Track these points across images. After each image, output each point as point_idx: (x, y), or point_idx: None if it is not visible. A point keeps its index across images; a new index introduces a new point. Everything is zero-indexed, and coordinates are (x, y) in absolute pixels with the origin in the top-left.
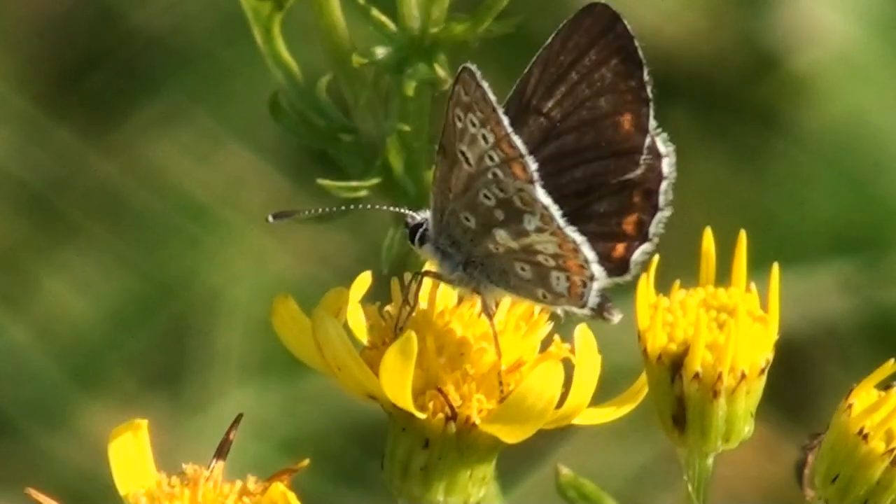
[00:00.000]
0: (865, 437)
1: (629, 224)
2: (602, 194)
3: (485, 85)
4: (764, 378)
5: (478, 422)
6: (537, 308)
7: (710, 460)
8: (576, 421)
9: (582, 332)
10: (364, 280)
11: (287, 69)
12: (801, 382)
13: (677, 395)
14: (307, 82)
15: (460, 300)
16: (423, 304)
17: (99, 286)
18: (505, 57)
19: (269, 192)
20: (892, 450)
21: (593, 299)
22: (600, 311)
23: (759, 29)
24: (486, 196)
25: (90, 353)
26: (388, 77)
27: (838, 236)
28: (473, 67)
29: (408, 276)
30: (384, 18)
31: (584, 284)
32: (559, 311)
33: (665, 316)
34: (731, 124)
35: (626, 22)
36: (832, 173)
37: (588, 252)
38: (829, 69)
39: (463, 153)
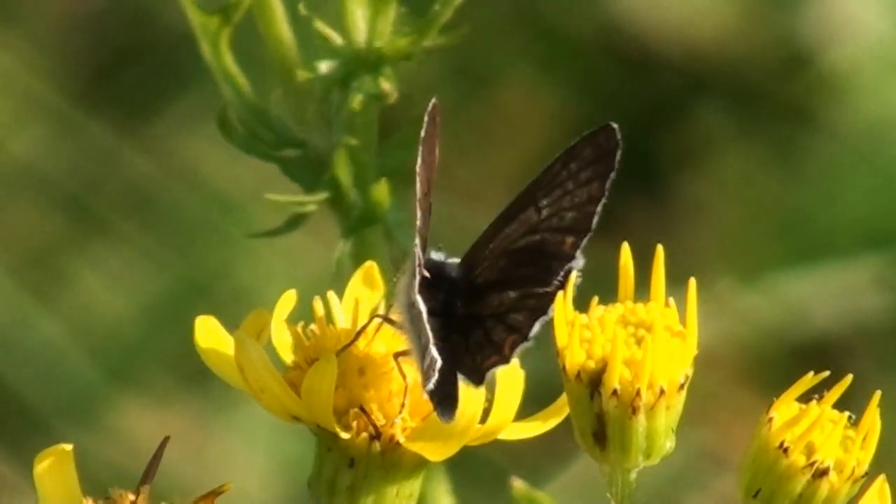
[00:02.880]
0: (786, 450)
1: (509, 343)
2: (520, 307)
3: (426, 121)
4: (684, 394)
5: (402, 440)
6: None
7: (632, 476)
8: (501, 436)
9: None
10: (289, 298)
11: (235, 84)
12: (834, 380)
13: (596, 413)
14: (257, 97)
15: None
16: (345, 323)
17: (132, 283)
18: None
19: (295, 189)
20: (812, 463)
21: (431, 385)
22: (435, 403)
23: (793, 26)
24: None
25: (124, 351)
26: (336, 91)
27: (873, 233)
28: (434, 101)
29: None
30: (329, 31)
31: (432, 367)
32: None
33: (583, 333)
34: (765, 121)
35: (618, 153)
36: (866, 170)
37: (427, 328)
38: (864, 65)
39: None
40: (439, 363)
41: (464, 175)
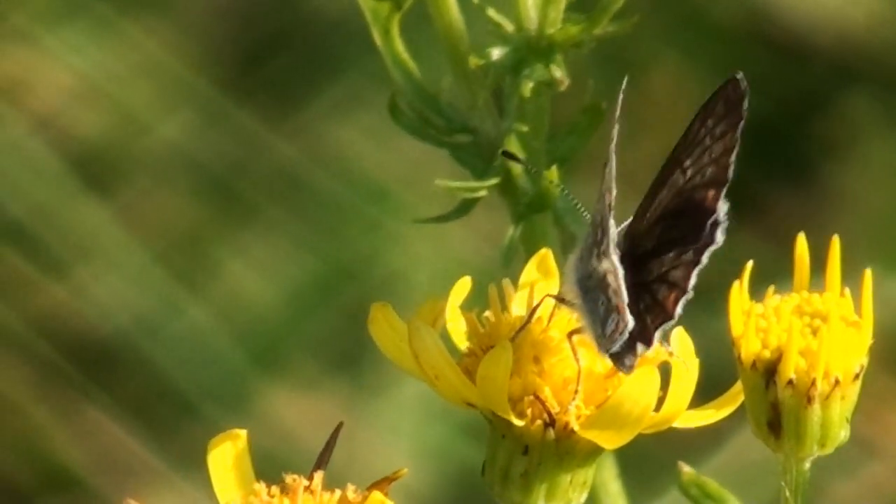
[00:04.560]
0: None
1: (672, 298)
2: (678, 263)
3: (616, 113)
4: (859, 383)
5: (576, 428)
6: None
7: (806, 465)
8: (675, 424)
9: (679, 336)
10: (463, 285)
11: (406, 69)
12: None
13: (771, 402)
14: (427, 83)
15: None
16: (520, 311)
17: (279, 269)
18: None
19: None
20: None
21: (617, 346)
22: (617, 358)
23: None
24: (597, 211)
25: (271, 336)
26: (507, 78)
27: None
28: (621, 94)
29: (508, 285)
30: (501, 18)
31: (621, 332)
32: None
33: (759, 322)
34: None
35: (745, 100)
36: None
37: (623, 290)
38: None
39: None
40: (631, 324)
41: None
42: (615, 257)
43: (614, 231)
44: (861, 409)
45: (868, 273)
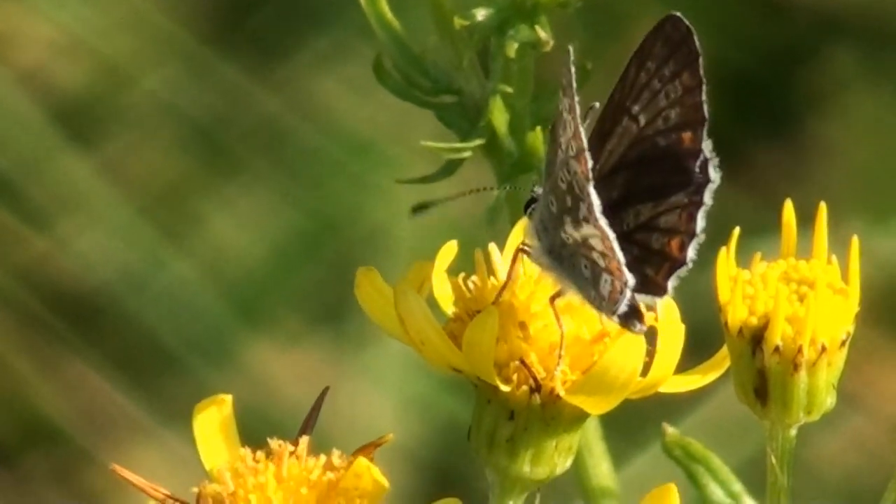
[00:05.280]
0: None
1: (675, 244)
2: (665, 209)
3: (573, 70)
4: (845, 350)
5: (562, 393)
6: None
7: (793, 432)
8: (661, 389)
9: (665, 302)
10: (449, 250)
11: (391, 29)
12: None
13: (758, 369)
14: (411, 43)
15: None
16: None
17: (264, 223)
18: None
19: (434, 128)
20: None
21: (623, 307)
22: (626, 320)
23: None
24: (561, 180)
25: (255, 290)
26: (492, 38)
27: None
28: (572, 49)
29: (492, 246)
30: None
31: (621, 291)
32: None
33: (745, 289)
34: (893, 64)
35: (695, 37)
36: None
37: (619, 252)
38: None
39: (559, 137)
40: (631, 281)
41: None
42: (603, 222)
43: (596, 199)
44: (847, 363)
45: (856, 240)
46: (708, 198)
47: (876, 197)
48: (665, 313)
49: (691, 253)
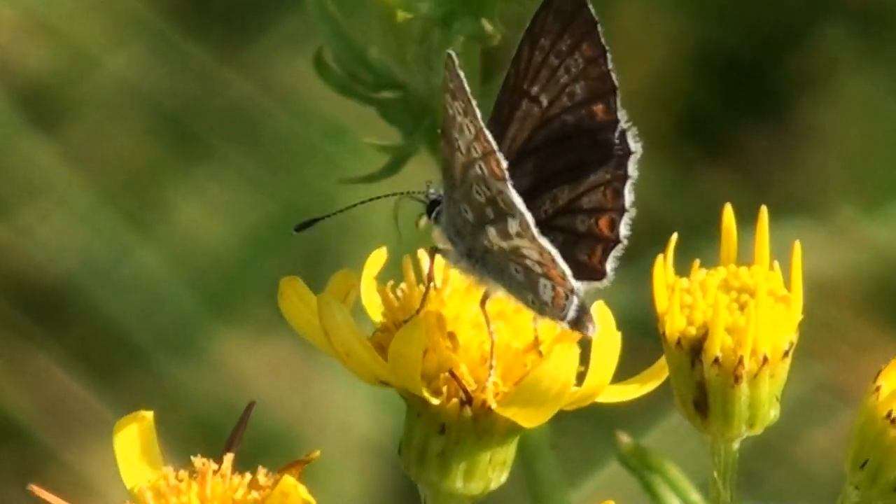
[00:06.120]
0: (894, 421)
1: (604, 223)
2: (586, 189)
3: (461, 74)
4: (788, 361)
5: (494, 406)
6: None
7: (735, 446)
8: (599, 399)
9: (600, 309)
10: (378, 257)
11: (333, 23)
12: None
13: (697, 381)
14: (355, 37)
15: None
16: (437, 283)
17: (234, 209)
18: None
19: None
20: None
21: (572, 313)
22: (577, 325)
23: None
24: (477, 192)
25: (224, 280)
26: (437, 32)
27: None
28: (454, 54)
29: (422, 252)
30: None
31: (567, 297)
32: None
33: (684, 297)
34: (891, 44)
35: (590, 6)
36: None
37: (563, 265)
38: None
39: (456, 141)
40: (577, 286)
41: None
42: (543, 241)
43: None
44: (838, 356)
45: (797, 245)
46: (632, 170)
47: (869, 182)
48: (600, 321)
49: (624, 230)
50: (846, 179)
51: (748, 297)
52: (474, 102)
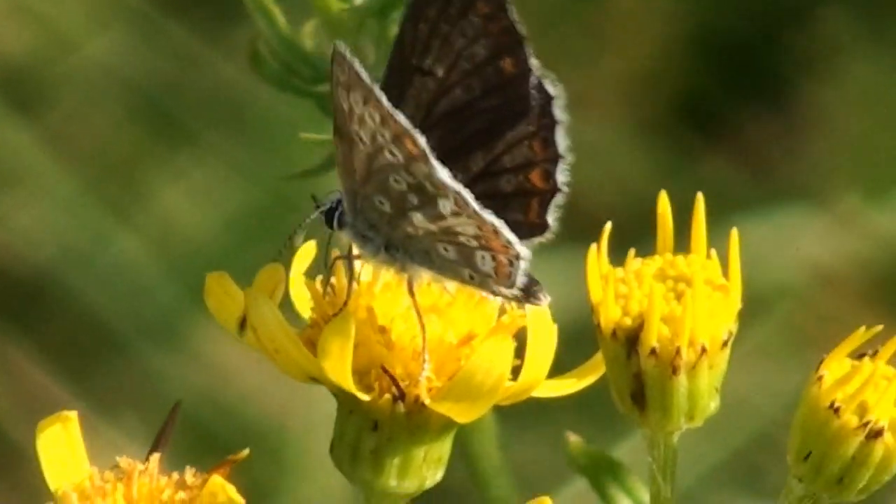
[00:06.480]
0: (837, 410)
1: (536, 177)
2: (506, 147)
3: (356, 65)
4: (727, 351)
5: (427, 401)
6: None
7: (675, 438)
8: (535, 394)
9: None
10: (307, 251)
11: (269, 15)
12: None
13: (634, 373)
14: (291, 29)
15: None
16: (367, 277)
17: (217, 196)
18: None
19: None
20: (866, 423)
21: (521, 279)
22: (527, 295)
23: None
24: (396, 181)
25: (207, 268)
26: (373, 22)
27: None
28: (342, 47)
29: (335, 253)
30: None
31: (511, 263)
32: (489, 294)
33: (619, 288)
34: (892, 26)
35: None
36: None
37: (508, 234)
38: None
39: (357, 133)
40: (525, 252)
41: (574, 81)
42: (487, 213)
43: (460, 187)
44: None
45: (735, 232)
46: (560, 114)
47: (873, 168)
48: (534, 315)
49: (562, 177)
50: (849, 165)
51: (685, 287)
52: (376, 87)
